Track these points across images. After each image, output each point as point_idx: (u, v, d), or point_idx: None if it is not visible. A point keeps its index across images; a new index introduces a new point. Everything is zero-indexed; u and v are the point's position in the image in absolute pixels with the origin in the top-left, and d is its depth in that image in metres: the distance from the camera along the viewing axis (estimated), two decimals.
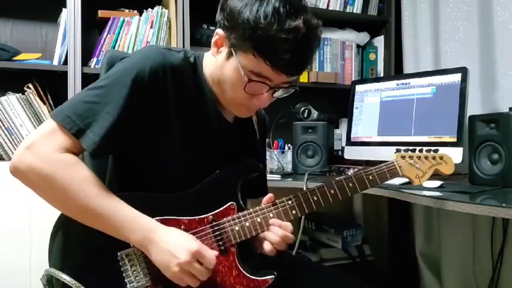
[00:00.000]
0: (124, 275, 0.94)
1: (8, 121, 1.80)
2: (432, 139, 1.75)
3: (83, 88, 0.98)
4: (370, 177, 1.05)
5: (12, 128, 1.80)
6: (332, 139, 2.05)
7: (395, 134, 1.88)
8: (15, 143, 1.80)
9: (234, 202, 1.01)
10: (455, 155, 1.14)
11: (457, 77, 1.73)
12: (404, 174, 1.10)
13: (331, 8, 2.36)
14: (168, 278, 0.93)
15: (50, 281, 0.96)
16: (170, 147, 0.98)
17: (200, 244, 0.93)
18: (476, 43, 1.96)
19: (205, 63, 1.04)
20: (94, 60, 1.94)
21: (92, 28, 2.09)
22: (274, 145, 2.05)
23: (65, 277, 0.93)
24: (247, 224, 0.99)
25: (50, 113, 0.93)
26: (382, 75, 2.48)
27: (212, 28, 2.13)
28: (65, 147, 0.90)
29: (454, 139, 1.67)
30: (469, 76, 1.72)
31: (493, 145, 1.38)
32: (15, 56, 1.86)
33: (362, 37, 2.51)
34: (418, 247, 2.26)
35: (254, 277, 0.98)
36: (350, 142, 2.04)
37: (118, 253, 0.95)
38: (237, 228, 0.99)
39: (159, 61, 0.95)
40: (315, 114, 2.04)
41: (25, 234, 1.70)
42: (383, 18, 2.48)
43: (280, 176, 1.85)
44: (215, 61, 0.99)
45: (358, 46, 2.50)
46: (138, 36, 1.98)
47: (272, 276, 0.98)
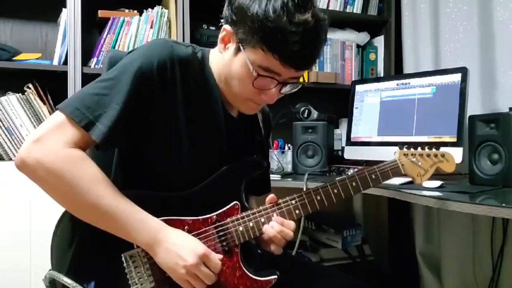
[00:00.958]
0: (128, 277, 0.94)
1: (8, 121, 1.80)
2: (432, 139, 1.75)
3: (84, 86, 0.98)
4: (373, 176, 1.05)
5: (12, 128, 1.80)
6: (332, 139, 2.05)
7: (395, 134, 1.88)
8: (15, 143, 1.80)
9: (238, 202, 1.01)
10: (455, 155, 1.14)
11: (457, 77, 1.73)
12: (406, 173, 1.10)
13: (331, 8, 2.36)
14: (172, 281, 0.93)
15: (53, 283, 0.96)
16: (177, 140, 0.98)
17: (206, 247, 0.93)
18: (476, 43, 1.96)
19: (212, 60, 1.04)
20: (94, 60, 1.94)
21: (92, 28, 2.09)
22: (274, 145, 2.05)
23: (66, 280, 0.92)
24: (251, 225, 0.99)
25: (58, 105, 0.91)
26: (382, 75, 2.48)
27: (212, 28, 2.13)
28: (74, 141, 0.89)
29: (454, 139, 1.67)
30: (469, 76, 1.72)
31: (493, 145, 1.38)
32: (15, 56, 1.86)
33: (362, 37, 2.51)
34: (418, 247, 2.25)
35: (257, 277, 0.98)
36: (350, 142, 2.04)
37: (122, 255, 0.94)
38: (241, 228, 0.99)
39: (167, 53, 0.95)
40: (315, 114, 2.03)
41: (25, 234, 1.70)
42: (383, 18, 2.48)
43: (280, 176, 1.85)
44: (222, 58, 0.99)
45: (358, 46, 2.50)
46: (138, 36, 1.98)
47: (275, 277, 0.98)
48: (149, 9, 2.04)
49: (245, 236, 0.99)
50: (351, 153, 2.03)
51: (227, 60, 0.98)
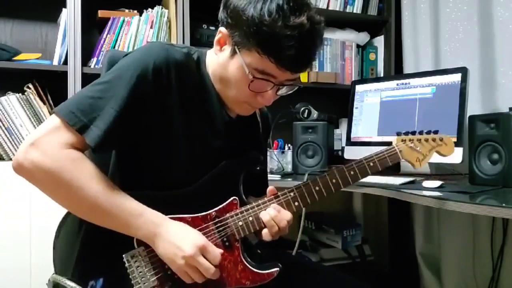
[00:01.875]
0: (130, 276, 0.94)
1: (8, 121, 1.80)
2: None
3: (83, 88, 0.98)
4: (371, 163, 1.05)
5: (12, 128, 1.80)
6: (332, 139, 2.05)
7: (395, 134, 1.87)
8: (15, 143, 1.80)
9: (236, 197, 1.01)
10: (455, 155, 1.14)
11: (457, 77, 1.73)
12: (405, 158, 1.09)
13: (331, 8, 2.36)
14: (174, 278, 0.93)
15: (57, 287, 0.96)
16: (174, 143, 0.98)
17: (206, 239, 0.94)
18: (476, 43, 1.96)
19: (208, 61, 1.04)
20: (94, 60, 1.94)
21: (92, 28, 2.09)
22: (274, 145, 2.05)
23: (70, 284, 0.93)
24: (251, 219, 0.99)
25: (54, 109, 0.92)
26: (382, 75, 2.48)
27: (212, 28, 2.13)
28: (70, 143, 0.90)
29: (454, 139, 1.66)
30: (469, 76, 1.73)
31: (493, 145, 1.38)
32: (15, 56, 1.86)
33: (362, 37, 2.51)
34: (418, 247, 2.26)
35: (259, 270, 0.98)
36: (350, 142, 2.04)
37: (123, 255, 0.94)
38: (240, 223, 0.99)
39: (163, 56, 0.95)
40: (315, 114, 2.03)
41: (25, 234, 1.69)
42: (383, 18, 2.48)
43: (280, 176, 1.85)
44: (218, 59, 0.99)
45: (358, 46, 2.50)
46: (138, 36, 1.98)
47: (277, 269, 0.98)
48: (149, 9, 2.04)
49: (245, 230, 0.99)
50: (351, 153, 2.02)
51: (222, 62, 0.98)
